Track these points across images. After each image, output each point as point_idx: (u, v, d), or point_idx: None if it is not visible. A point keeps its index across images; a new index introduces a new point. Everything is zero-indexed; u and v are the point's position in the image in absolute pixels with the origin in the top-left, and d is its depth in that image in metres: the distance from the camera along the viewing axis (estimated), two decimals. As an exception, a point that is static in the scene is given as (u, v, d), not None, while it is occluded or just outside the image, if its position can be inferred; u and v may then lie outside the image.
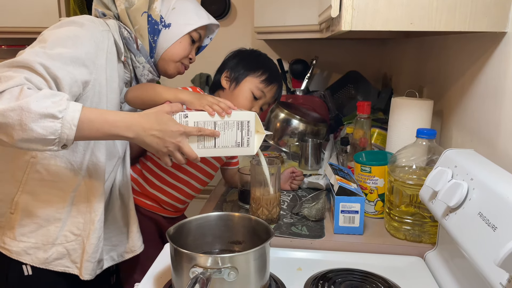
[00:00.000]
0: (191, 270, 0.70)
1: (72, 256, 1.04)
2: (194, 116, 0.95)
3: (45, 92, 0.82)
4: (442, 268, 0.86)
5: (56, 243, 1.02)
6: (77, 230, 1.04)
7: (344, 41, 2.36)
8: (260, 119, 1.02)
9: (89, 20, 0.99)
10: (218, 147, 0.97)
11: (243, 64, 1.25)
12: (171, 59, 1.13)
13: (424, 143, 0.98)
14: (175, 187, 1.27)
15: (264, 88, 1.23)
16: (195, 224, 0.86)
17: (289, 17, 1.91)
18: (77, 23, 0.97)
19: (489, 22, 0.85)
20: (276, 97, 1.30)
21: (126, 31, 1.06)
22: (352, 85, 2.18)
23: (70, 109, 0.82)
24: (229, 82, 1.25)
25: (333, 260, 0.93)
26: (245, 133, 0.98)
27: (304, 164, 1.51)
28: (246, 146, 0.98)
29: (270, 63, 1.31)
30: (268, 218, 1.08)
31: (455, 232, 0.73)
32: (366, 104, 1.27)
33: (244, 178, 1.20)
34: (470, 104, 1.07)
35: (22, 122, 0.78)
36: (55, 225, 1.02)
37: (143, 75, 1.11)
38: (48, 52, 0.89)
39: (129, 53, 1.07)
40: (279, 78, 1.29)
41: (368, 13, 0.84)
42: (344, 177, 1.11)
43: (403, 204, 0.99)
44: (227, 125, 0.97)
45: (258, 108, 1.25)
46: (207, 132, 0.95)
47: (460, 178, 0.76)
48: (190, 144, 0.95)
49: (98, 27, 1.00)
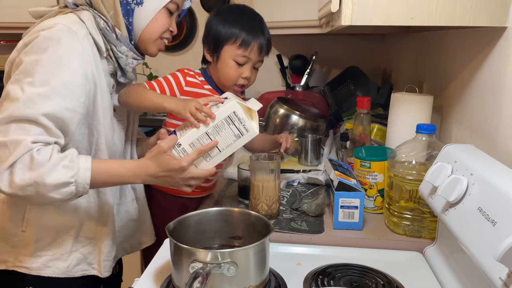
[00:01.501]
0: (191, 265, 0.70)
1: (88, 259, 1.06)
2: (186, 140, 0.96)
3: (55, 159, 0.87)
4: (442, 263, 0.86)
5: (72, 250, 1.03)
6: (90, 234, 1.06)
7: (344, 37, 2.35)
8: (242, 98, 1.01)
9: (65, 31, 0.92)
10: (223, 149, 0.97)
11: (215, 33, 1.19)
12: (149, 38, 1.05)
13: (423, 138, 0.98)
14: None
15: (244, 52, 1.17)
16: (195, 220, 0.86)
17: (288, 12, 1.90)
18: (54, 39, 0.91)
19: (489, 17, 0.85)
20: (264, 51, 1.21)
21: (102, 20, 0.99)
22: (352, 81, 2.18)
23: (81, 171, 0.89)
24: (211, 55, 1.22)
25: (332, 255, 0.93)
26: (238, 123, 0.96)
27: (304, 159, 1.51)
28: (246, 132, 0.97)
29: (242, 20, 1.19)
30: (268, 213, 1.08)
31: (455, 227, 0.73)
32: (366, 99, 1.27)
33: (243, 173, 1.20)
34: (470, 99, 1.06)
35: (40, 194, 0.87)
36: (69, 233, 1.03)
37: (127, 64, 1.05)
38: (42, 92, 0.87)
39: (109, 45, 1.01)
40: (257, 30, 1.18)
41: (368, 8, 0.84)
42: (343, 173, 1.11)
43: (403, 199, 0.99)
44: (219, 128, 0.96)
45: (248, 73, 1.20)
46: (206, 149, 0.96)
47: (460, 174, 0.76)
48: (199, 164, 0.98)
49: (76, 36, 0.94)
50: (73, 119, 0.92)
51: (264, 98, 1.97)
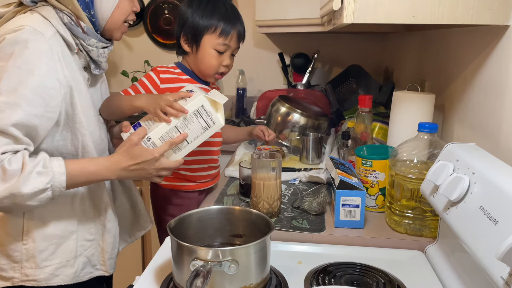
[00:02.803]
0: (192, 263, 0.70)
1: (92, 261, 1.07)
2: (156, 134, 1.00)
3: (28, 168, 0.86)
4: (443, 262, 0.86)
5: (77, 255, 1.03)
6: (90, 236, 1.06)
7: (346, 35, 2.35)
8: (211, 89, 1.04)
9: (31, 33, 0.88)
10: (191, 141, 1.02)
11: (193, 24, 1.20)
12: (115, 26, 1.02)
13: (425, 137, 0.98)
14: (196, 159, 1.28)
15: (225, 40, 1.19)
16: (196, 217, 0.86)
17: (290, 10, 1.90)
18: (20, 43, 0.87)
19: (492, 15, 0.84)
20: (242, 38, 1.24)
21: (65, 15, 0.95)
22: (354, 79, 2.17)
23: (56, 175, 0.88)
24: (189, 45, 1.23)
25: (333, 254, 0.93)
26: (206, 116, 1.00)
27: (305, 158, 1.50)
28: (213, 124, 1.02)
29: (219, 9, 1.20)
30: (269, 211, 1.08)
31: (456, 226, 0.73)
32: (368, 98, 1.26)
33: (245, 171, 1.20)
34: (472, 98, 1.06)
35: (17, 204, 0.87)
36: (71, 238, 1.02)
37: (99, 55, 1.01)
38: (10, 101, 0.85)
39: (77, 40, 0.97)
40: (234, 18, 1.21)
41: (370, 6, 0.84)
42: (345, 171, 1.11)
43: (404, 198, 0.99)
44: (187, 121, 1.00)
45: (228, 60, 1.23)
46: (178, 141, 1.00)
47: (462, 172, 0.75)
48: (169, 156, 1.02)
49: (43, 37, 0.89)
50: (43, 125, 0.90)
51: (266, 96, 1.97)
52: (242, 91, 2.39)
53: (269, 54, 2.43)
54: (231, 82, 2.48)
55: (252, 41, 2.44)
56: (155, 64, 2.44)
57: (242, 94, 2.38)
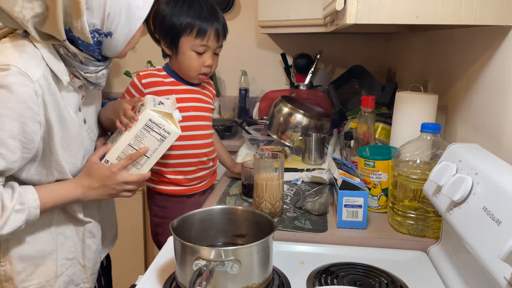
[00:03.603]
0: (195, 262, 0.70)
1: (75, 280, 1.05)
2: (112, 155, 1.01)
3: (7, 208, 0.86)
4: (446, 263, 0.86)
5: (57, 275, 1.01)
6: (70, 254, 1.03)
7: (348, 36, 2.35)
8: (159, 101, 1.05)
9: (17, 76, 0.83)
10: (151, 155, 1.03)
11: (169, 26, 1.18)
12: (127, 53, 1.00)
13: (428, 137, 0.98)
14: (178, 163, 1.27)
15: (202, 41, 1.17)
16: (199, 217, 0.86)
17: (293, 11, 1.90)
18: (4, 88, 0.83)
19: (495, 15, 0.84)
20: (221, 36, 1.21)
21: (62, 47, 0.90)
22: (356, 80, 2.17)
23: (31, 210, 0.90)
24: (169, 48, 1.23)
25: (336, 254, 0.93)
26: (157, 129, 1.01)
27: (308, 158, 1.50)
28: (168, 135, 1.02)
29: (194, 8, 1.18)
30: (271, 211, 1.08)
31: (459, 227, 0.73)
32: (370, 98, 1.26)
33: (247, 172, 1.20)
34: (475, 98, 1.06)
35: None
36: (50, 258, 1.00)
37: (98, 78, 0.97)
38: None
39: (73, 68, 0.93)
40: (210, 17, 1.17)
41: (374, 6, 0.84)
42: (347, 172, 1.10)
43: (407, 198, 0.99)
44: (140, 138, 1.01)
45: (210, 60, 1.21)
46: (137, 155, 1.00)
47: (465, 173, 0.75)
48: (131, 171, 1.03)
49: (30, 81, 0.84)
50: (19, 165, 0.89)
51: (268, 96, 1.97)
52: (245, 91, 2.39)
53: (271, 54, 2.44)
54: (233, 82, 2.48)
55: (254, 42, 2.44)
56: (158, 64, 2.45)
57: (244, 95, 2.39)
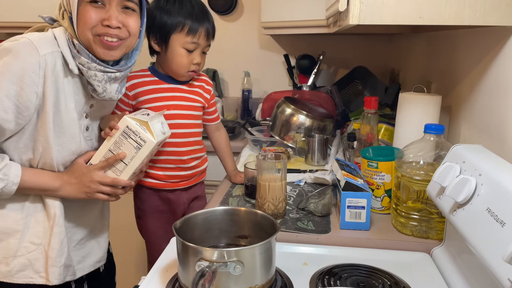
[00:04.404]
0: (197, 263, 0.70)
1: (35, 266, 1.03)
2: (94, 159, 1.07)
3: None
4: (449, 264, 0.86)
5: (17, 255, 1.01)
6: (37, 239, 1.03)
7: (351, 37, 2.35)
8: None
9: (26, 46, 0.91)
10: (128, 162, 1.07)
11: (160, 21, 1.21)
12: (85, 38, 0.97)
13: (432, 138, 0.98)
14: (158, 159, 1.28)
15: (193, 38, 1.20)
16: (202, 218, 0.86)
17: (296, 12, 1.90)
18: (12, 52, 0.91)
19: (498, 16, 0.84)
20: (211, 36, 1.24)
21: (76, 39, 0.97)
22: (359, 81, 2.17)
23: (9, 185, 0.96)
24: (159, 45, 1.24)
25: (339, 256, 0.92)
26: (134, 136, 1.05)
27: (311, 159, 1.50)
28: (144, 143, 1.06)
29: (185, 7, 1.21)
30: (274, 213, 1.08)
31: (463, 228, 0.72)
32: (374, 99, 1.26)
33: (250, 173, 1.20)
34: (479, 99, 1.05)
35: None
36: (14, 237, 1.01)
37: (90, 77, 0.99)
38: None
39: (81, 60, 0.97)
40: (202, 16, 1.21)
41: (377, 7, 0.84)
42: (350, 173, 1.10)
43: (410, 199, 0.98)
44: (118, 144, 1.06)
45: (199, 58, 1.23)
46: (112, 159, 1.05)
47: (468, 174, 0.75)
48: (110, 175, 1.07)
49: (36, 52, 0.92)
50: (10, 129, 0.95)
51: (271, 97, 1.96)
52: (248, 92, 2.39)
53: (274, 55, 2.44)
54: (236, 83, 2.48)
55: (257, 43, 2.44)
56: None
57: (247, 96, 2.39)
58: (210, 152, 1.45)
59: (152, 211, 1.35)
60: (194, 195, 1.39)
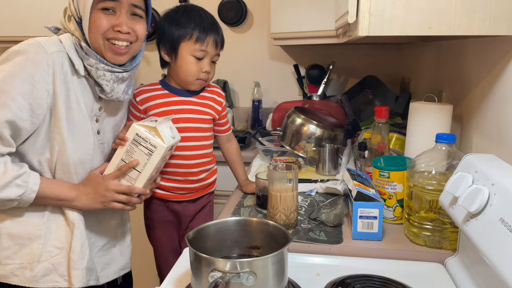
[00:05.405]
0: (210, 274, 0.70)
1: (59, 270, 1.04)
2: (108, 170, 1.08)
3: (10, 176, 0.95)
4: (463, 275, 0.85)
5: (41, 260, 1.03)
6: (59, 244, 1.05)
7: (361, 46, 2.35)
8: (149, 120, 1.10)
9: (34, 46, 0.97)
10: (142, 170, 1.08)
11: (170, 32, 1.24)
12: (96, 43, 1.02)
13: (443, 148, 0.97)
14: (166, 171, 1.29)
15: (202, 46, 1.23)
16: (214, 229, 0.87)
17: (305, 22, 1.91)
18: (21, 52, 0.96)
19: (508, 25, 0.84)
20: (219, 45, 1.27)
21: (84, 42, 1.02)
22: (370, 90, 2.17)
23: (28, 192, 0.97)
24: (169, 55, 1.27)
25: (351, 266, 0.92)
26: (144, 143, 1.06)
27: (322, 169, 1.50)
28: (155, 148, 1.07)
29: (193, 16, 1.25)
30: (286, 223, 1.08)
31: (476, 239, 0.72)
32: (384, 108, 1.26)
33: (261, 183, 1.20)
34: (490, 108, 1.05)
35: None
36: (37, 242, 1.03)
37: (99, 76, 1.03)
38: (1, 101, 0.93)
39: (90, 62, 1.02)
40: (210, 26, 1.25)
41: (386, 18, 0.84)
42: (362, 183, 1.10)
43: (423, 209, 0.98)
44: (130, 152, 1.07)
45: (208, 67, 1.25)
46: (125, 167, 1.06)
47: (481, 184, 0.75)
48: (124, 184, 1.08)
49: (44, 51, 0.97)
50: (26, 128, 0.97)
51: (282, 107, 1.97)
52: (258, 102, 2.40)
53: (284, 66, 2.45)
54: (247, 93, 2.50)
55: (267, 53, 2.46)
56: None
57: (257, 106, 2.40)
58: (221, 162, 1.46)
59: (160, 221, 1.37)
60: (201, 206, 1.40)
